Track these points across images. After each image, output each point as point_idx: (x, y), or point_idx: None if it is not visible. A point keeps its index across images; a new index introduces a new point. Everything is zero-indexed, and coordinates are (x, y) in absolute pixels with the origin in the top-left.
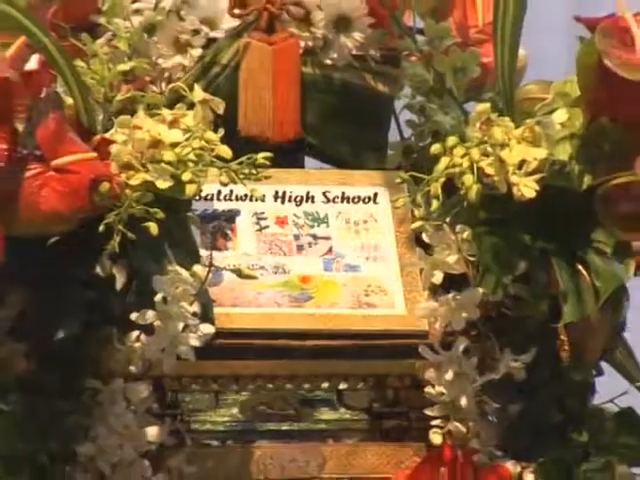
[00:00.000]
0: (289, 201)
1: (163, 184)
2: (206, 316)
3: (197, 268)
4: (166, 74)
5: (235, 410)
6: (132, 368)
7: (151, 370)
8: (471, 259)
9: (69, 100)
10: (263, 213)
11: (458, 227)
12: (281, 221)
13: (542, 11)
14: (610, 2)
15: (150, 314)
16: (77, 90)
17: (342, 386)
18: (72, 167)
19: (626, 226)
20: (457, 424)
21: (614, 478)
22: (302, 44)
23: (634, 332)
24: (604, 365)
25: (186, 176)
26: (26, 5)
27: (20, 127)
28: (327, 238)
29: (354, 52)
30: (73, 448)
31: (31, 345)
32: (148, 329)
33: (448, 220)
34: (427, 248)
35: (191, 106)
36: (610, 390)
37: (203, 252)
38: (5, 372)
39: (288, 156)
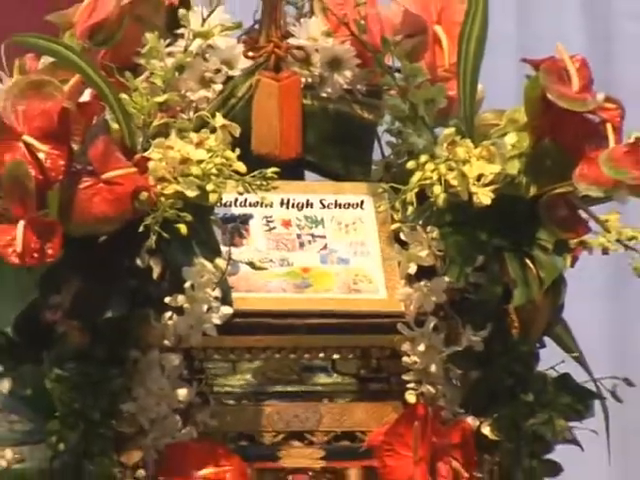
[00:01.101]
0: (292, 207)
1: (191, 193)
2: (226, 300)
3: (218, 261)
4: (193, 105)
5: (249, 376)
6: (166, 341)
7: (181, 343)
8: (439, 254)
9: (115, 126)
10: (271, 217)
11: (429, 228)
12: (286, 223)
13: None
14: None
15: (180, 298)
16: (121, 117)
17: (335, 356)
18: (118, 180)
19: (564, 227)
20: (428, 387)
21: (554, 430)
22: (303, 80)
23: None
24: (546, 339)
25: (209, 187)
26: (81, 49)
27: (76, 147)
28: (323, 237)
29: (345, 87)
30: (118, 406)
31: (85, 323)
32: (179, 310)
33: (420, 222)
34: (404, 245)
35: (213, 130)
36: (551, 359)
37: (223, 248)
38: (64, 345)
39: (291, 171)
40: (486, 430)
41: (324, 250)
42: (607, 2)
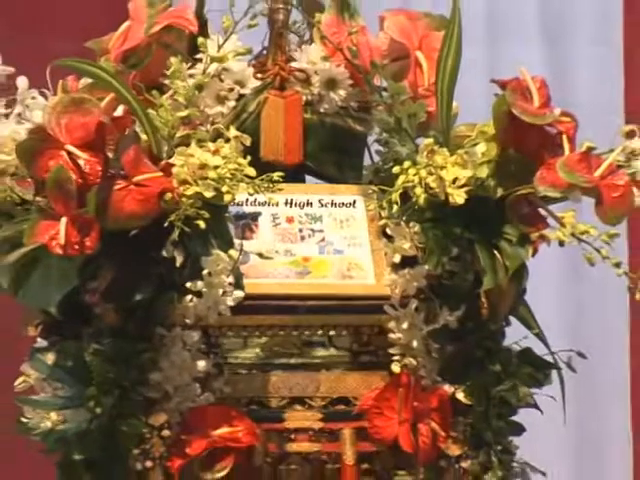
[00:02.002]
0: (295, 206)
1: (208, 194)
2: (238, 285)
3: (232, 252)
4: (210, 119)
5: (257, 350)
6: (187, 320)
7: (200, 322)
8: (420, 245)
9: (144, 136)
10: (277, 214)
11: (411, 223)
12: (289, 220)
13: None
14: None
15: (199, 283)
16: (149, 130)
17: (331, 333)
18: (146, 182)
19: (526, 223)
20: (410, 359)
21: (518, 396)
22: (304, 98)
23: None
24: (511, 318)
25: (224, 189)
26: (115, 71)
27: (110, 155)
28: (321, 231)
29: (339, 103)
30: (147, 375)
31: (118, 304)
32: (198, 294)
33: (404, 219)
34: (390, 238)
35: (228, 140)
36: (515, 335)
37: (236, 241)
38: (100, 323)
39: (294, 175)
40: (460, 396)
41: (322, 242)
42: (563, 30)
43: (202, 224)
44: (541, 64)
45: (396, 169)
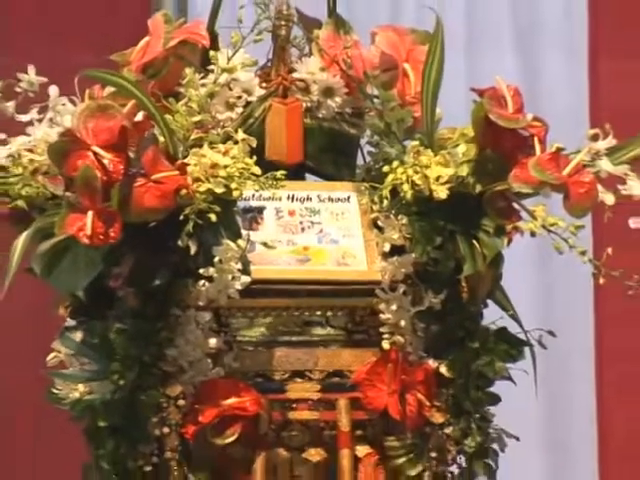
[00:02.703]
0: (296, 201)
1: (219, 190)
2: (245, 271)
3: (240, 242)
4: (221, 123)
5: (263, 328)
6: (200, 302)
7: (211, 303)
8: (407, 236)
9: (161, 139)
10: (280, 208)
11: (399, 216)
12: (291, 213)
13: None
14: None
15: (211, 269)
16: (166, 133)
17: (328, 314)
18: (163, 180)
19: (501, 216)
20: (399, 337)
21: (494, 370)
22: (304, 105)
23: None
24: (488, 301)
25: (233, 185)
26: (136, 81)
27: (132, 155)
28: (319, 223)
29: (336, 110)
30: (164, 351)
31: (139, 288)
32: (210, 279)
33: (393, 212)
34: (380, 229)
35: (236, 142)
36: (492, 316)
37: (243, 232)
38: (123, 305)
39: (295, 173)
40: (443, 370)
41: (320, 233)
42: (534, 43)
43: (213, 217)
44: (514, 74)
45: (386, 168)
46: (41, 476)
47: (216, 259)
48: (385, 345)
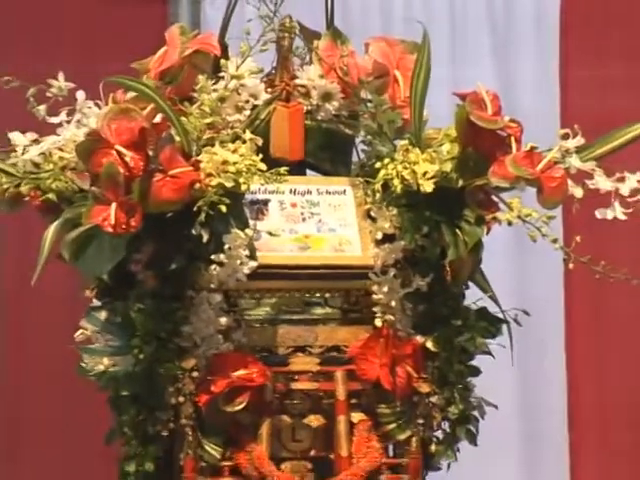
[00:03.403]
0: (297, 194)
1: (229, 184)
2: (252, 256)
3: (247, 230)
4: (230, 124)
5: (268, 308)
6: (212, 285)
7: (222, 286)
8: (397, 225)
9: (177, 138)
10: (283, 200)
11: (390, 208)
12: (293, 205)
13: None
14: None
15: (222, 255)
16: (182, 133)
17: (327, 295)
18: (179, 175)
19: (481, 207)
20: (389, 316)
21: (475, 345)
22: (305, 108)
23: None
24: (469, 283)
25: (241, 180)
26: (155, 87)
27: (151, 153)
28: (318, 214)
29: (333, 112)
30: (180, 328)
31: (157, 272)
32: (220, 264)
33: (384, 204)
34: (373, 220)
35: (244, 142)
36: (473, 296)
37: (250, 221)
38: (143, 287)
39: (297, 169)
40: (429, 345)
41: (319, 223)
42: (510, 52)
43: (224, 208)
44: (492, 80)
45: (378, 164)
46: (70, 440)
47: (226, 246)
48: (377, 323)
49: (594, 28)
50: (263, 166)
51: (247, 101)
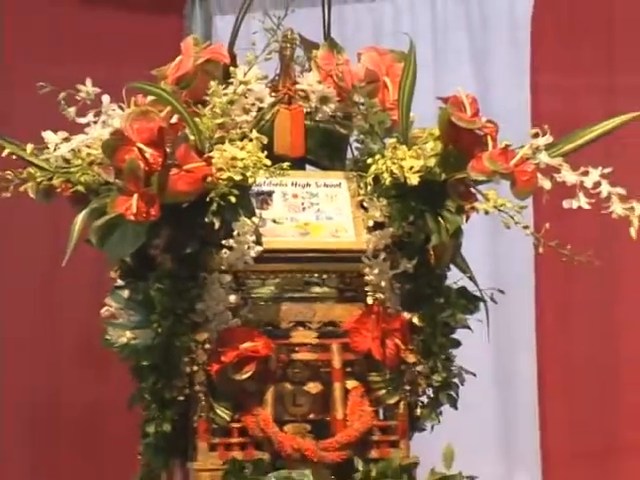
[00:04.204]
0: (298, 186)
1: (237, 178)
2: (258, 242)
3: (254, 219)
4: (238, 125)
5: (272, 287)
6: (222, 267)
7: (231, 268)
8: (386, 214)
9: (191, 137)
10: (286, 192)
11: (380, 199)
12: (294, 196)
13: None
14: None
15: (231, 241)
16: (195, 132)
17: (324, 276)
18: (193, 169)
19: (461, 198)
20: (380, 294)
21: (455, 320)
22: (305, 110)
23: None
24: (451, 265)
25: (248, 174)
26: (172, 91)
27: (168, 150)
28: (317, 204)
29: (330, 114)
30: (194, 305)
31: (173, 255)
32: (230, 248)
33: (375, 195)
34: (365, 209)
35: (251, 140)
36: (454, 277)
37: (257, 211)
38: (161, 269)
39: (298, 164)
40: (415, 320)
41: (318, 212)
42: (486, 60)
43: (233, 199)
44: (471, 85)
45: (369, 160)
46: (96, 403)
47: (235, 232)
48: (369, 301)
49: (561, 40)
50: (268, 162)
51: (253, 104)
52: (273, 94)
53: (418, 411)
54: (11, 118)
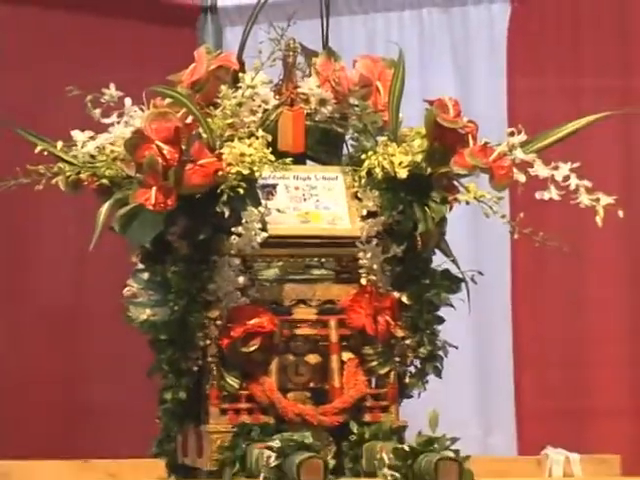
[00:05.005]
0: (299, 179)
1: (245, 172)
2: (264, 229)
3: (260, 208)
4: (246, 124)
5: (276, 270)
6: (232, 251)
7: (240, 252)
8: (378, 204)
9: (204, 135)
10: (288, 184)
11: (373, 190)
12: (296, 188)
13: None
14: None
15: (240, 228)
16: (208, 131)
17: (323, 259)
18: (206, 165)
19: (445, 190)
20: (372, 276)
21: (440, 299)
22: (305, 111)
23: None
24: (436, 250)
25: (255, 168)
26: (187, 94)
27: (183, 147)
28: (316, 195)
29: (328, 115)
30: (207, 286)
31: (188, 241)
32: (239, 234)
33: (369, 187)
34: (359, 200)
35: (257, 138)
36: (438, 260)
37: (262, 201)
38: (177, 253)
39: (299, 160)
40: (404, 299)
41: (317, 202)
42: (468, 66)
43: (241, 191)
44: (454, 90)
45: (363, 156)
46: (119, 373)
47: (243, 220)
48: (363, 281)
49: (534, 49)
50: (272, 157)
51: (259, 106)
52: (277, 97)
53: (406, 380)
54: (42, 118)
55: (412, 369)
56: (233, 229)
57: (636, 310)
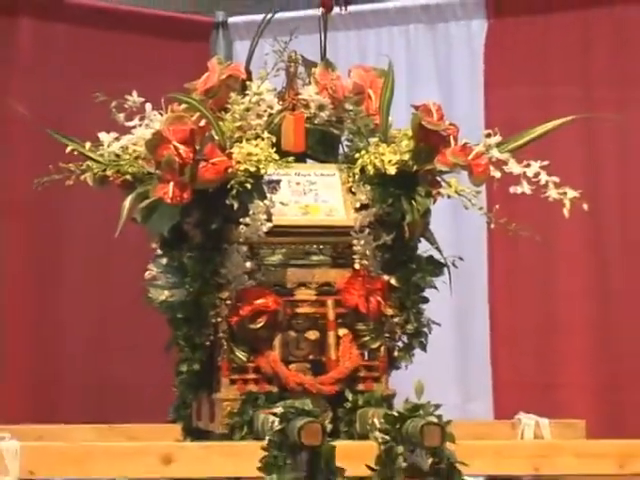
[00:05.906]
0: (300, 176)
1: (252, 169)
2: (269, 219)
3: (265, 201)
4: (253, 127)
5: (280, 256)
6: (240, 240)
7: (248, 240)
8: (370, 198)
9: (216, 137)
10: (290, 180)
11: (365, 185)
12: (297, 183)
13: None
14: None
15: (247, 219)
16: (219, 133)
17: (321, 247)
18: (217, 163)
19: (430, 185)
20: (365, 261)
21: (425, 282)
22: (306, 115)
23: None
24: (421, 238)
25: (261, 166)
26: (201, 101)
27: (197, 147)
28: (316, 190)
29: (326, 118)
30: (218, 270)
31: (202, 230)
32: (247, 225)
33: (362, 183)
34: (354, 194)
35: (263, 139)
36: (423, 247)
37: (268, 195)
38: (192, 241)
39: (300, 159)
40: (393, 281)
41: (316, 196)
42: (450, 78)
43: (249, 186)
44: (437, 96)
45: (357, 155)
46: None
47: (250, 212)
48: (356, 266)
49: (509, 63)
50: (276, 156)
51: (265, 110)
52: (280, 103)
53: (395, 353)
54: (72, 122)
55: (400, 344)
56: (241, 220)
57: (596, 295)
